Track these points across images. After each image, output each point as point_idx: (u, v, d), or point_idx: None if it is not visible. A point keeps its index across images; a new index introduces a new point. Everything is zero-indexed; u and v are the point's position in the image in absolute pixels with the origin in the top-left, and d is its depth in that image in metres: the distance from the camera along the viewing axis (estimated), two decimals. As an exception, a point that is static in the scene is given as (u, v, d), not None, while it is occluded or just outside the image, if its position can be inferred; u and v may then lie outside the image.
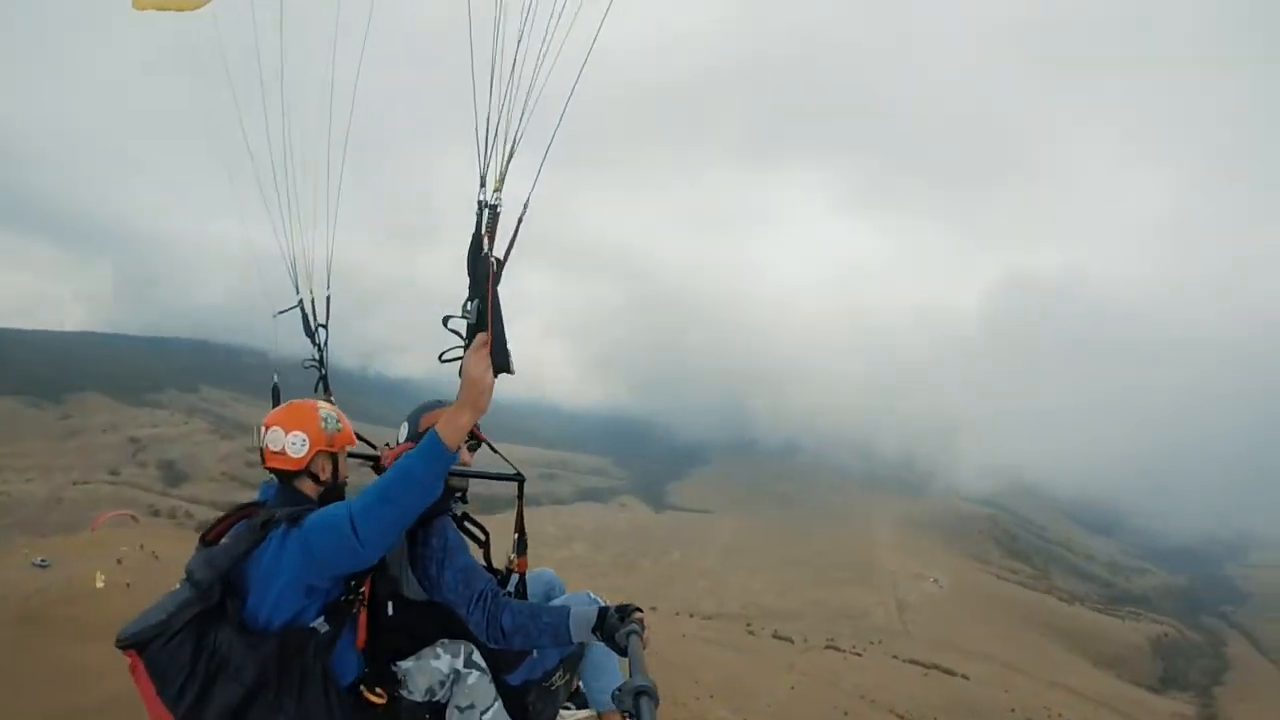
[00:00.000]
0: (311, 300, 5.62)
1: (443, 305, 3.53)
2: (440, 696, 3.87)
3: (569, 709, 4.64)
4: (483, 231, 3.31)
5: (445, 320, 3.43)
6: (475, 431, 4.05)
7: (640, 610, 3.62)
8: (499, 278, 3.23)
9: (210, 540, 3.62)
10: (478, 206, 3.31)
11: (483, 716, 3.88)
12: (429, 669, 3.80)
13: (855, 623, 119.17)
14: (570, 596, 4.36)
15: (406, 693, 3.80)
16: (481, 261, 3.28)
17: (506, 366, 3.21)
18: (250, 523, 3.55)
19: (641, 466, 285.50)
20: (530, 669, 4.09)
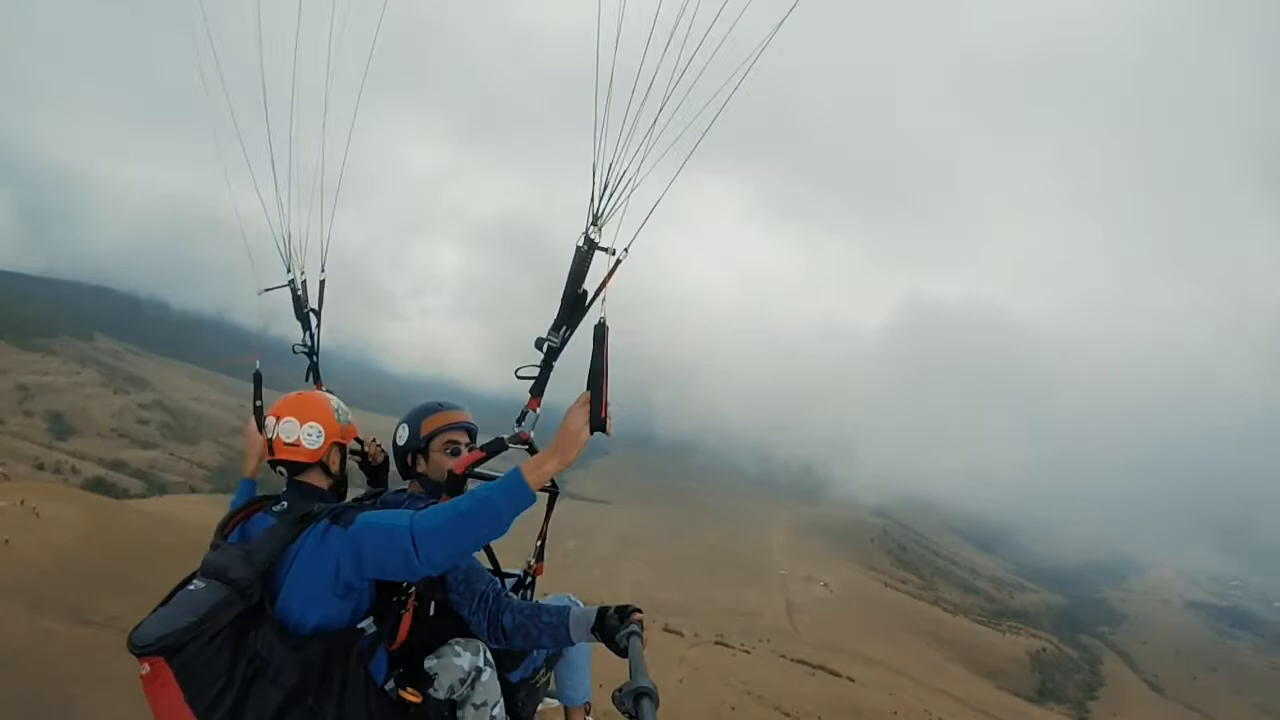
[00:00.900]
0: (303, 282, 5.28)
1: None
2: (459, 694, 3.81)
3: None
4: (584, 271, 3.26)
5: (517, 371, 3.54)
6: (524, 437, 3.70)
7: (639, 611, 3.62)
8: (605, 335, 3.13)
9: (227, 534, 3.54)
10: (585, 244, 3.23)
11: (493, 713, 3.89)
12: (452, 666, 3.74)
13: (745, 621, 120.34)
14: (553, 598, 4.37)
15: (433, 691, 3.72)
16: (580, 304, 3.29)
17: (603, 427, 3.15)
18: (285, 517, 3.45)
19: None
20: (526, 667, 4.27)
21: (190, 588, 3.16)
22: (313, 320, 5.31)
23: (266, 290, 5.26)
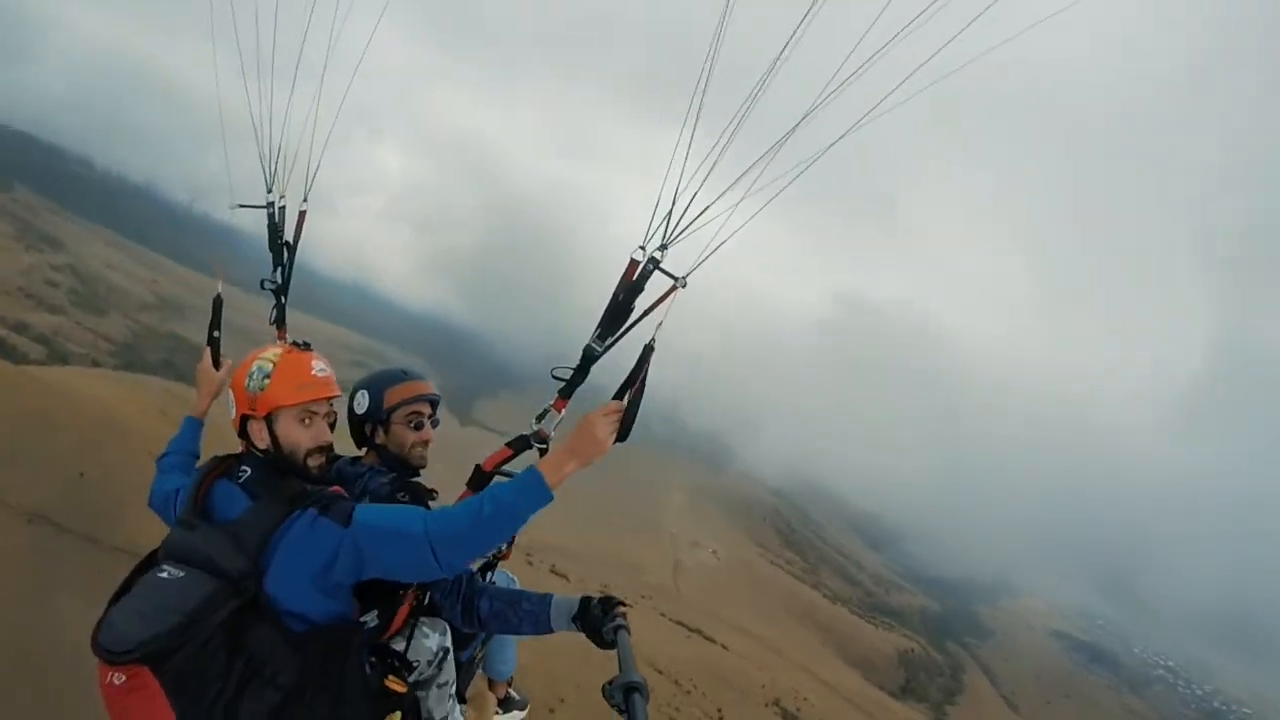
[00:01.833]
0: (281, 208, 4.73)
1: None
2: (426, 675, 3.73)
3: (498, 712, 5.22)
4: (639, 287, 3.25)
5: (553, 371, 3.52)
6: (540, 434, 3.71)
7: (624, 604, 3.65)
8: (650, 356, 3.24)
9: (194, 507, 3.12)
10: (648, 263, 3.22)
11: (452, 691, 3.88)
12: (423, 648, 3.68)
13: (631, 574, 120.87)
14: (497, 575, 4.39)
15: (410, 676, 3.64)
16: (626, 317, 3.29)
17: (626, 437, 3.23)
18: (276, 493, 3.05)
19: (454, 376, 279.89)
20: (473, 646, 4.38)
21: (162, 575, 2.78)
22: (285, 254, 4.75)
23: (241, 207, 4.72)
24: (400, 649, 3.55)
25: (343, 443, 3.65)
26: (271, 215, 4.71)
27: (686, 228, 3.16)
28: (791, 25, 2.91)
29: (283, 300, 4.72)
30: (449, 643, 3.77)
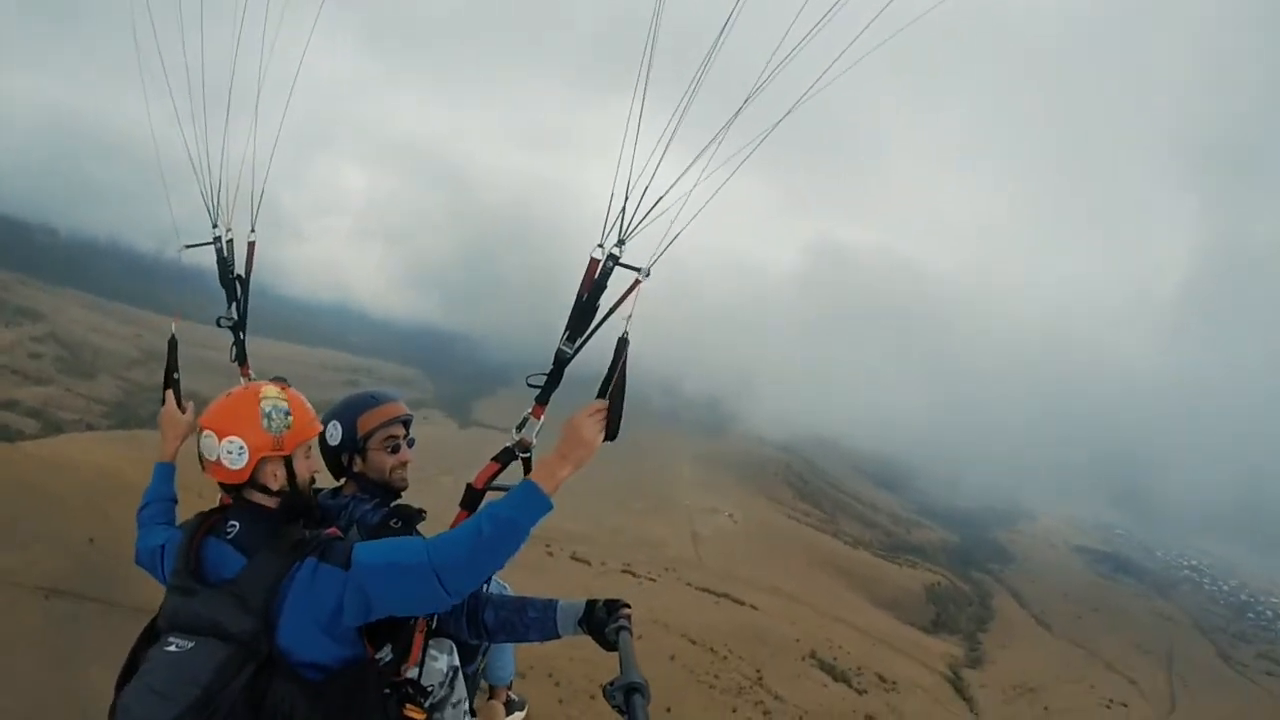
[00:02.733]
0: (228, 241, 4.69)
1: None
2: (439, 696, 3.71)
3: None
4: (601, 285, 3.26)
5: (528, 379, 3.47)
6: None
7: (628, 606, 3.64)
8: (625, 349, 3.25)
9: (186, 572, 3.02)
10: (607, 259, 3.24)
11: (466, 709, 3.86)
12: (433, 670, 3.64)
13: (651, 550, 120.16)
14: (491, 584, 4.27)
15: (425, 701, 3.60)
16: (592, 316, 3.30)
17: (614, 435, 3.25)
18: (275, 546, 2.97)
19: (449, 382, 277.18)
20: (477, 660, 4.34)
21: (170, 649, 2.74)
22: (238, 289, 4.70)
23: (189, 247, 4.73)
24: (414, 676, 3.51)
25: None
26: (219, 249, 4.66)
27: (642, 220, 3.17)
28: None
29: (241, 336, 4.67)
30: (457, 661, 3.76)
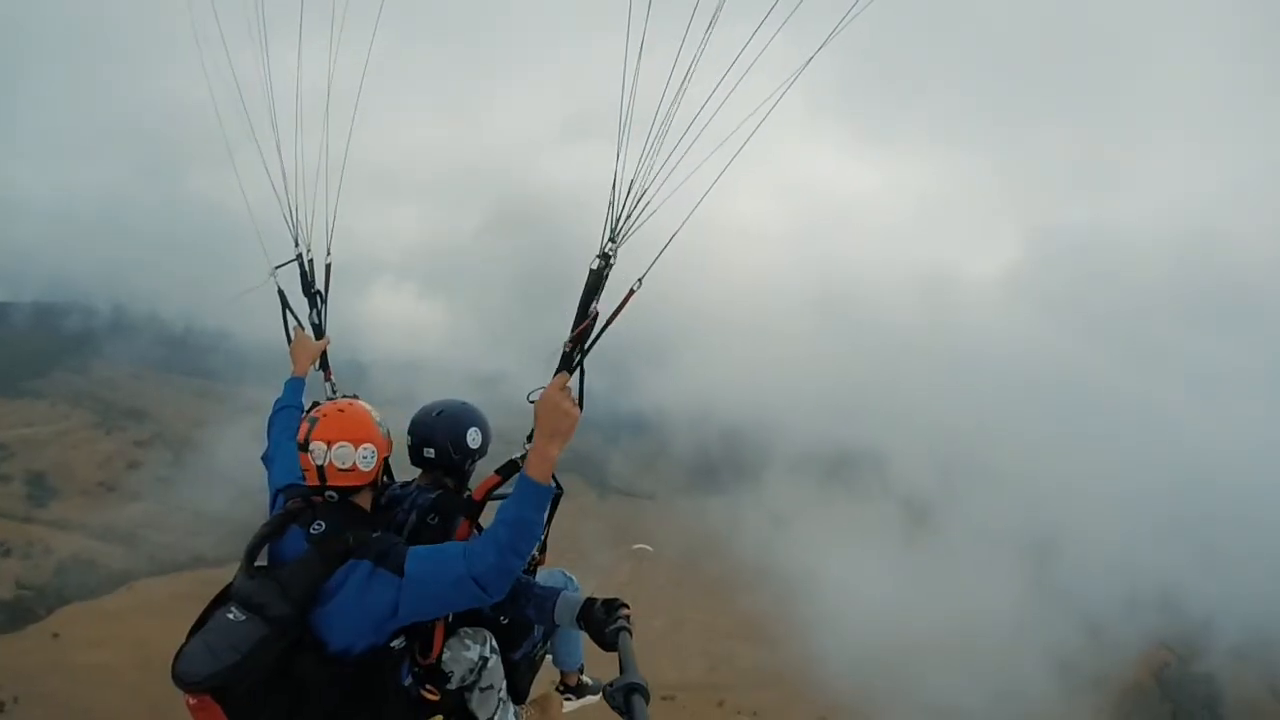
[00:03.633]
0: (310, 260, 5.37)
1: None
2: (469, 681, 4.08)
3: (570, 699, 5.42)
4: (598, 288, 3.49)
5: (529, 396, 3.58)
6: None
7: (627, 606, 3.78)
8: (591, 330, 3.52)
9: (257, 553, 3.62)
10: (600, 263, 3.48)
11: (499, 694, 4.21)
12: (463, 659, 4.01)
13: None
14: (547, 574, 4.66)
15: (448, 685, 4.00)
16: (592, 323, 3.52)
17: (580, 405, 3.49)
18: (320, 546, 3.50)
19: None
20: (527, 646, 4.52)
21: (230, 615, 3.32)
22: (318, 301, 5.39)
23: (279, 267, 5.30)
24: (444, 659, 3.93)
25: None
26: (301, 264, 5.29)
27: (634, 225, 3.42)
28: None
29: (325, 346, 5.31)
30: (489, 650, 4.10)
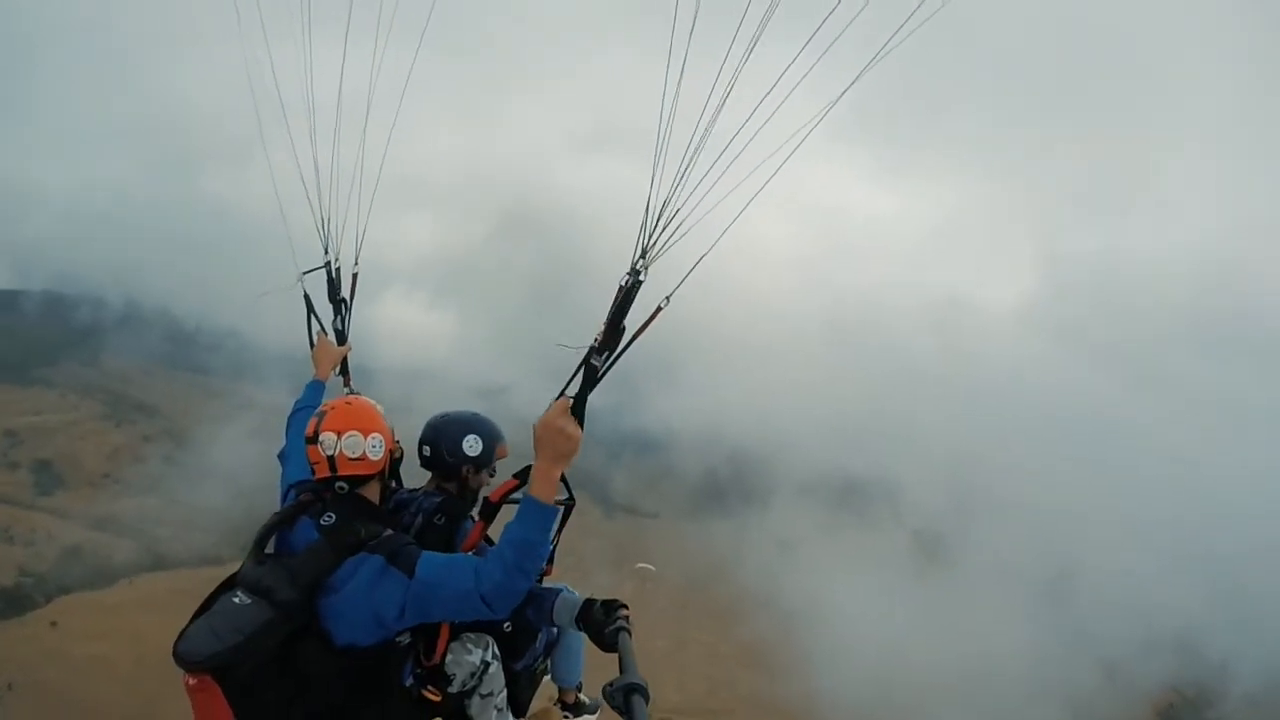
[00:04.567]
0: (337, 268, 5.51)
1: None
2: (468, 686, 4.11)
3: (568, 717, 5.32)
4: (628, 304, 3.43)
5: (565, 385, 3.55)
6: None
7: (626, 607, 3.81)
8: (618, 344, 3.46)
9: (267, 541, 3.67)
10: (630, 279, 3.42)
11: (497, 701, 4.23)
12: (465, 662, 4.05)
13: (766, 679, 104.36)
14: (552, 585, 4.61)
15: (449, 687, 4.03)
16: (620, 336, 3.45)
17: (581, 425, 3.45)
18: (331, 536, 3.54)
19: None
20: (529, 657, 4.54)
21: (235, 600, 3.33)
22: (343, 309, 5.52)
23: (307, 273, 5.44)
24: (447, 662, 3.95)
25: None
26: (329, 272, 5.42)
27: (668, 240, 3.38)
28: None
29: (347, 355, 5.43)
30: (490, 656, 4.13)
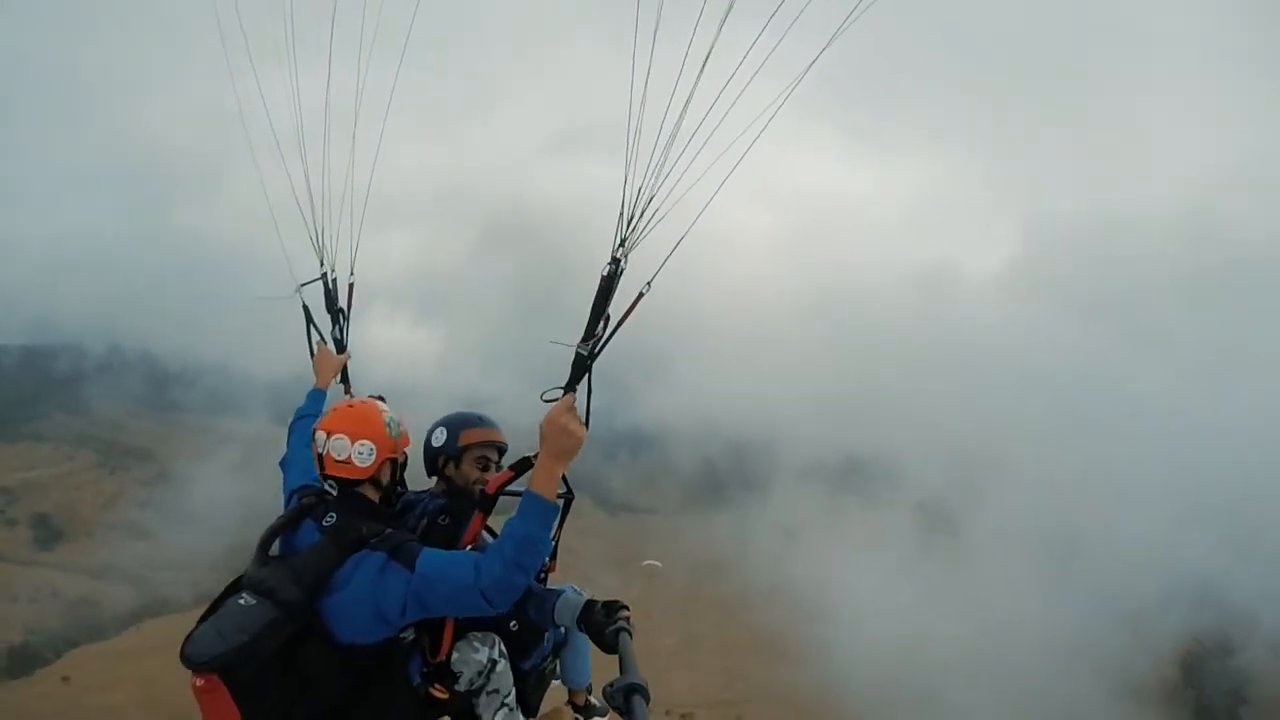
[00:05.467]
0: (334, 279, 5.53)
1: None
2: (476, 684, 4.11)
3: (578, 719, 5.32)
4: (611, 291, 3.46)
5: (543, 395, 3.58)
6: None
7: (627, 608, 3.84)
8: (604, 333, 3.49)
9: (271, 543, 3.70)
10: (612, 267, 3.46)
11: (504, 700, 4.23)
12: (472, 660, 4.04)
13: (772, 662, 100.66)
14: (557, 586, 4.60)
15: (456, 685, 4.03)
16: (604, 326, 3.50)
17: (586, 424, 3.49)
18: (334, 535, 3.58)
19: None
20: (537, 657, 4.58)
21: (240, 601, 3.37)
22: (341, 318, 5.54)
23: (304, 285, 5.47)
24: (453, 660, 3.95)
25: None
26: (325, 283, 5.44)
27: (646, 227, 3.41)
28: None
29: (346, 360, 5.44)
30: (497, 655, 4.12)
